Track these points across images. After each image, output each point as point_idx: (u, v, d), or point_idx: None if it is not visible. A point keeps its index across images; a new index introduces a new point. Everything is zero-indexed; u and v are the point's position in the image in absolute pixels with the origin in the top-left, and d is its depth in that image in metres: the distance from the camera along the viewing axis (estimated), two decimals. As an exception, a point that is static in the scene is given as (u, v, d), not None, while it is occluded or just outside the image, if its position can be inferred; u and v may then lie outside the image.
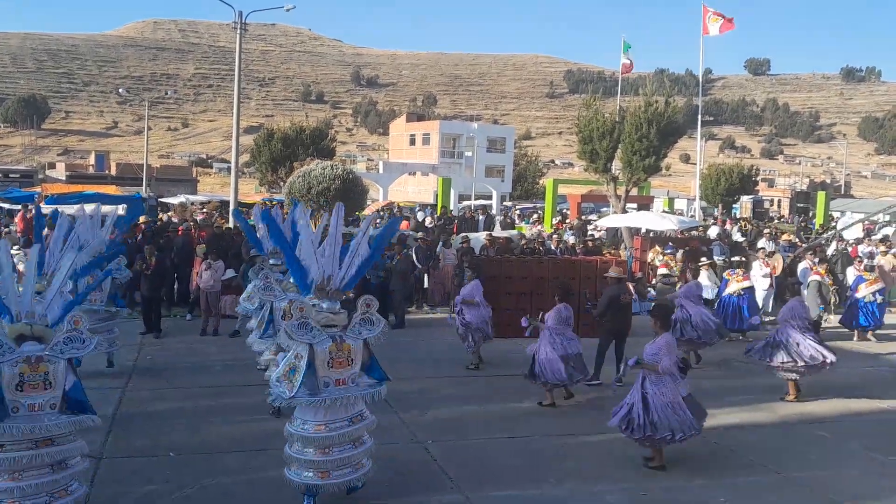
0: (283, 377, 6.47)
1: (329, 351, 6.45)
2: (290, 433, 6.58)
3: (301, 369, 6.36)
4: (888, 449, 8.67)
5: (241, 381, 10.88)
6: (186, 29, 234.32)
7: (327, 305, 6.64)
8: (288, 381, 6.40)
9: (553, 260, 16.08)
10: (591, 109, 26.30)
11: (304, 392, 6.36)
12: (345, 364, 6.54)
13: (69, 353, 5.67)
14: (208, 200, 39.39)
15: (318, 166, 22.66)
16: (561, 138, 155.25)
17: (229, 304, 15.49)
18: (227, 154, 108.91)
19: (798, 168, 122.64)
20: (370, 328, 6.68)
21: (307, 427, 6.46)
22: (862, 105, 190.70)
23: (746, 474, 7.84)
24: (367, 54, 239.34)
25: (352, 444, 6.58)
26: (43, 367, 5.53)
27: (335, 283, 6.77)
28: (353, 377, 6.62)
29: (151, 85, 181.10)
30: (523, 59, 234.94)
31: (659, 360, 7.76)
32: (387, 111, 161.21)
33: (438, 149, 67.23)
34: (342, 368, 6.52)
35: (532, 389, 10.19)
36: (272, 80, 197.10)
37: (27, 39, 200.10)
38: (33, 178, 51.74)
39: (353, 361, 6.59)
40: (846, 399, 10.70)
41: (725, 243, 21.06)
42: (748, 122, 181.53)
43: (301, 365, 6.38)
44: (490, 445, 8.48)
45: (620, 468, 7.90)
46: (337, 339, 6.53)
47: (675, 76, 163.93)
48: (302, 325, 6.39)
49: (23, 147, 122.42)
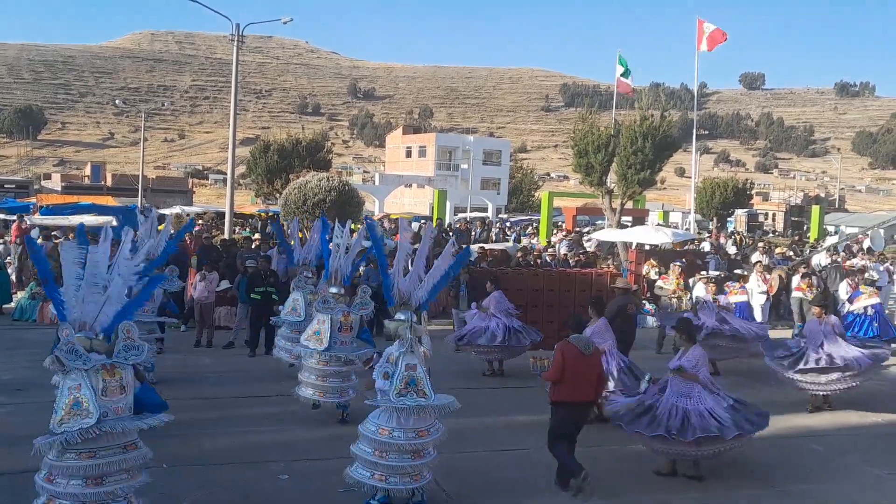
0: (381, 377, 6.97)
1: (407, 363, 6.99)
2: (360, 433, 6.94)
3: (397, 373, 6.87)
4: (883, 463, 8.67)
5: (234, 392, 10.85)
6: (183, 41, 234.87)
7: (406, 316, 7.23)
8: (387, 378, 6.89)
9: (548, 272, 16.08)
10: (586, 123, 26.35)
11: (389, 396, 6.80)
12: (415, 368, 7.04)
13: (132, 359, 5.80)
14: (204, 212, 39.39)
15: (315, 178, 22.68)
16: (556, 151, 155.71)
17: (223, 316, 15.50)
18: (223, 165, 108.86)
19: (792, 182, 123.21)
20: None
21: (377, 431, 6.83)
22: (856, 120, 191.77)
23: (741, 487, 7.82)
24: (363, 67, 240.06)
25: (411, 456, 6.82)
26: (118, 373, 5.70)
27: (415, 299, 7.48)
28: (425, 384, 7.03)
29: (148, 96, 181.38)
30: (519, 72, 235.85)
31: (698, 370, 7.92)
32: (383, 123, 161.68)
33: (434, 161, 67.34)
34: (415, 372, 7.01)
35: (529, 402, 10.16)
36: (269, 92, 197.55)
37: (24, 50, 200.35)
38: (29, 188, 51.61)
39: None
40: (841, 412, 10.71)
41: (722, 257, 21.11)
42: (743, 136, 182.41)
43: (398, 368, 6.88)
44: (487, 458, 8.45)
45: (616, 480, 7.88)
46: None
47: (671, 90, 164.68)
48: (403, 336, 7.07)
49: (18, 158, 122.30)
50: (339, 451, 8.38)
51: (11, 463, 7.65)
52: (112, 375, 5.69)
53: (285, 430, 9.22)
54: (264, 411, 9.95)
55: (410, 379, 6.81)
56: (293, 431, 9.16)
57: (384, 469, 6.70)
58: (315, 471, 7.85)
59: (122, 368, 5.76)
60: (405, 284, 7.49)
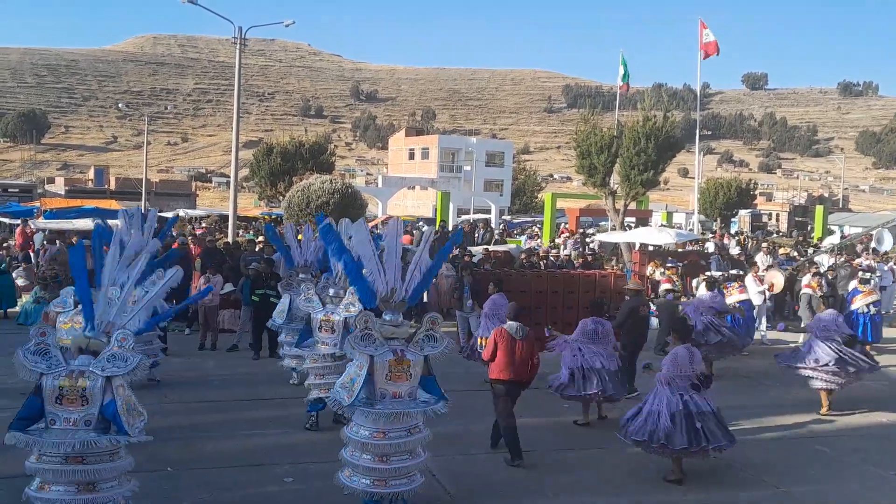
0: (344, 384, 6.68)
1: (389, 364, 6.63)
2: (348, 437, 6.73)
3: (360, 379, 6.57)
4: (888, 464, 8.65)
5: (238, 395, 10.86)
6: (186, 44, 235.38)
7: (390, 318, 6.87)
8: (348, 389, 6.61)
9: (551, 274, 16.09)
10: (589, 124, 26.37)
11: (362, 401, 6.59)
12: (403, 378, 6.71)
13: (109, 371, 5.66)
14: (207, 215, 39.44)
15: (318, 180, 22.69)
16: (559, 153, 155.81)
17: (227, 319, 15.52)
18: (226, 168, 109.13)
19: (796, 182, 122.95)
20: (433, 345, 6.91)
21: (362, 432, 6.62)
22: (859, 119, 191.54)
23: (744, 489, 7.81)
24: (366, 69, 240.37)
25: (408, 455, 6.70)
26: (82, 383, 5.56)
27: (399, 296, 6.95)
28: (411, 392, 6.78)
29: (151, 100, 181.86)
30: (521, 73, 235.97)
31: (661, 367, 7.95)
32: (386, 126, 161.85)
33: (437, 163, 67.35)
34: (400, 382, 6.70)
35: (530, 403, 10.14)
36: (272, 94, 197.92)
37: (27, 55, 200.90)
38: (32, 192, 51.64)
39: (411, 376, 6.76)
40: (845, 413, 10.68)
41: (724, 257, 21.08)
42: (746, 136, 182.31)
43: (361, 375, 6.58)
44: (489, 460, 8.45)
45: (618, 482, 7.89)
46: (398, 352, 6.70)
47: (673, 91, 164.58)
48: (365, 336, 6.66)
49: (22, 162, 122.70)
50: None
51: (13, 467, 7.66)
52: (73, 384, 5.52)
53: (289, 432, 9.22)
54: (268, 414, 9.96)
55: (354, 376, 6.65)
56: (296, 434, 9.17)
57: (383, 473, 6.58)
58: (318, 473, 7.86)
59: (90, 378, 5.58)
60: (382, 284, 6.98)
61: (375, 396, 6.63)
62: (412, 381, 6.75)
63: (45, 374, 5.51)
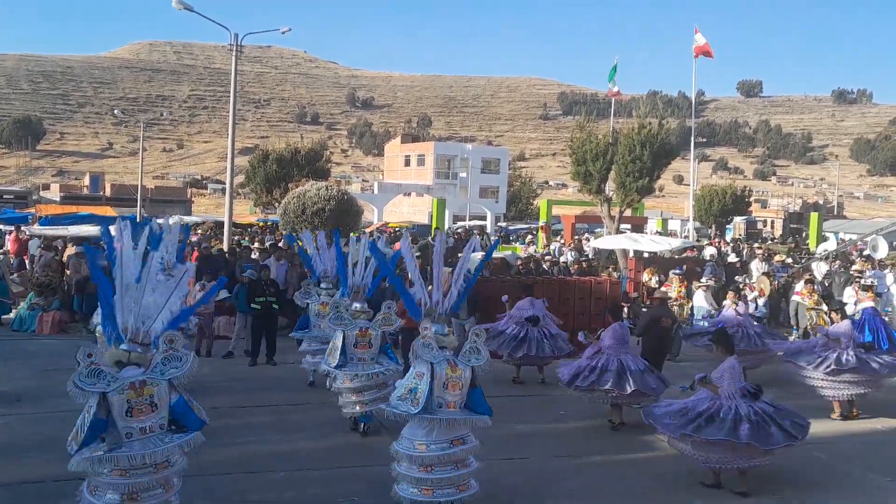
0: (404, 395, 6.78)
1: (445, 373, 6.75)
2: (398, 452, 6.83)
3: (424, 386, 6.67)
4: (885, 470, 8.65)
5: (235, 402, 10.82)
6: (182, 51, 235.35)
7: (435, 329, 7.01)
8: (411, 399, 6.70)
9: (547, 280, 16.08)
10: (584, 131, 26.44)
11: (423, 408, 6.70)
12: (458, 387, 6.83)
13: (169, 374, 5.65)
14: (203, 221, 39.38)
15: (313, 187, 22.72)
16: (555, 160, 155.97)
17: (223, 325, 15.48)
18: (221, 175, 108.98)
19: (791, 189, 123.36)
20: (478, 357, 7.01)
21: (413, 446, 6.75)
22: (854, 127, 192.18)
23: (743, 496, 7.77)
24: (362, 76, 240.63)
25: (454, 465, 6.79)
26: (148, 391, 5.52)
27: (442, 308, 7.14)
28: (460, 402, 6.90)
29: (147, 106, 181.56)
30: (517, 81, 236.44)
31: (722, 382, 7.89)
32: (382, 132, 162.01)
33: (433, 170, 67.49)
34: (455, 392, 6.81)
35: (533, 409, 10.15)
36: (267, 101, 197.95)
37: (22, 61, 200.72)
38: (27, 199, 51.65)
39: (462, 386, 6.88)
40: (843, 420, 10.68)
41: (719, 264, 21.11)
42: (741, 143, 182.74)
43: (424, 383, 6.68)
44: (490, 466, 8.41)
45: (619, 488, 7.88)
46: (451, 361, 6.83)
47: (668, 98, 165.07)
48: (426, 344, 6.82)
49: (17, 168, 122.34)
50: (341, 460, 8.40)
51: (10, 474, 7.63)
52: (140, 395, 5.47)
53: (287, 439, 9.19)
54: (265, 421, 9.93)
55: (413, 387, 6.76)
56: (295, 441, 9.14)
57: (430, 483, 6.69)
58: (316, 480, 7.84)
59: (155, 384, 5.54)
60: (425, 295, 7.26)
61: (433, 406, 6.74)
62: (463, 390, 6.90)
63: (107, 392, 5.38)
